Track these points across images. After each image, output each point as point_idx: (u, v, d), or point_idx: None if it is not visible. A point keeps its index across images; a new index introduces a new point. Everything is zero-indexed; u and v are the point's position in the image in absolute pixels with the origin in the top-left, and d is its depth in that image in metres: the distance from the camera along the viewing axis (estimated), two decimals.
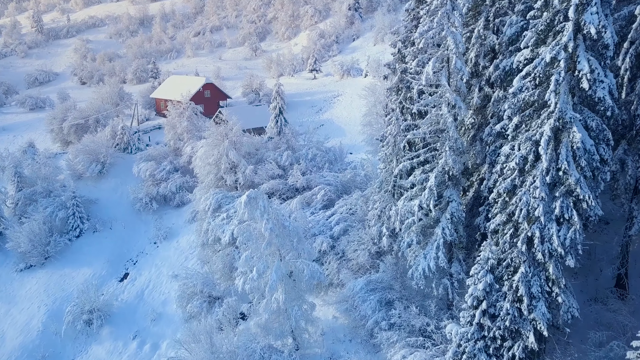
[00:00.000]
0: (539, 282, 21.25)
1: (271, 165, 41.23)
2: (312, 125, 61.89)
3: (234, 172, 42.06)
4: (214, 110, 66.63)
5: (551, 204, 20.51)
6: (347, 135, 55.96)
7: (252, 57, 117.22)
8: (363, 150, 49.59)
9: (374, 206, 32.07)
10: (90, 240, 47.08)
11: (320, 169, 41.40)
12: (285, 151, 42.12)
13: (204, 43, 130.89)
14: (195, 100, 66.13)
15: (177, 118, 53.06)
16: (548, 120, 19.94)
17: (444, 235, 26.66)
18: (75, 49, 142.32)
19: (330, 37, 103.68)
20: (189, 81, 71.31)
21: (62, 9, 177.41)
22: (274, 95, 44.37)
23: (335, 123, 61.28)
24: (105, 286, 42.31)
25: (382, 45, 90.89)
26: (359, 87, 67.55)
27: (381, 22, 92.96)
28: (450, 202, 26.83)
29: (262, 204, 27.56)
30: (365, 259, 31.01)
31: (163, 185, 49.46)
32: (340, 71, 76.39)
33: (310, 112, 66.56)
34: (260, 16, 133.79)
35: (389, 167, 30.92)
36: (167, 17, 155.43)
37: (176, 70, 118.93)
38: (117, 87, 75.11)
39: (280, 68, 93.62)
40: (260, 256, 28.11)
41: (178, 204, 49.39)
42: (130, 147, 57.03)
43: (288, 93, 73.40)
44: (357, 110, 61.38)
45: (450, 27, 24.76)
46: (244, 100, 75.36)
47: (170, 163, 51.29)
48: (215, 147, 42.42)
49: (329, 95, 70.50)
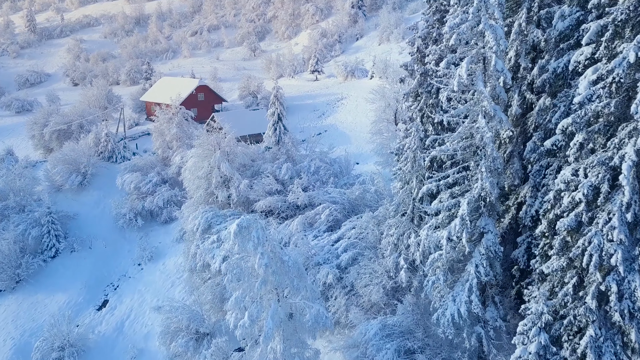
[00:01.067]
0: (613, 350, 16.39)
1: (269, 179, 36.33)
2: (314, 131, 57.10)
3: (226, 187, 37.20)
4: (208, 114, 61.83)
5: (633, 250, 15.67)
6: (352, 142, 51.11)
7: (251, 57, 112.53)
8: (371, 160, 44.76)
9: (389, 232, 27.20)
10: (67, 261, 42.23)
11: (324, 184, 36.52)
12: (285, 163, 37.24)
13: (201, 43, 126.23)
14: (188, 104, 61.32)
15: (165, 124, 48.21)
16: (631, 140, 15.06)
17: (477, 274, 21.79)
18: (69, 49, 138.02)
19: (332, 37, 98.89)
20: (182, 83, 66.44)
21: (57, 8, 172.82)
22: (272, 99, 39.57)
23: (340, 129, 56.40)
24: (81, 315, 37.47)
25: (388, 45, 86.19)
26: (364, 90, 62.73)
27: (386, 21, 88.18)
28: (485, 234, 21.95)
29: (256, 235, 22.64)
30: (379, 297, 26.13)
31: (149, 199, 44.60)
32: (343, 72, 71.49)
33: (312, 117, 61.70)
34: (259, 15, 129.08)
35: (407, 187, 26.06)
36: (164, 16, 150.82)
37: (171, 71, 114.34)
38: (105, 90, 70.26)
39: (279, 69, 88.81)
40: (254, 297, 23.21)
41: (166, 219, 44.53)
42: (115, 155, 52.14)
43: (288, 96, 68.54)
44: (364, 114, 56.51)
45: (489, 19, 19.87)
46: (241, 103, 70.49)
47: (157, 174, 46.41)
48: (205, 159, 37.58)
49: (332, 99, 65.68)
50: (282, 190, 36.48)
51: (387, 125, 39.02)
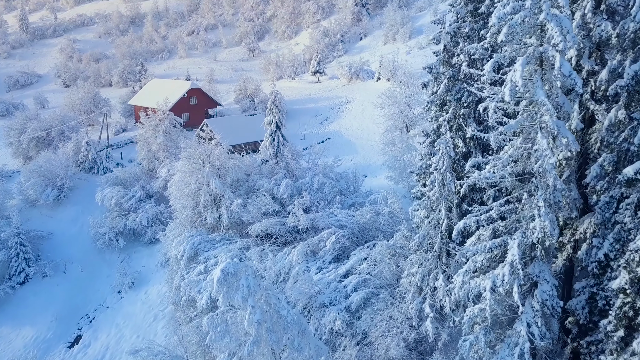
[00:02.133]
0: None
1: (265, 198, 31.40)
2: (317, 139, 52.27)
3: (216, 207, 32.33)
4: (201, 119, 57.01)
5: None
6: (359, 151, 46.20)
7: (250, 57, 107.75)
8: (381, 172, 39.93)
9: (411, 271, 22.32)
10: (37, 287, 37.41)
11: (329, 203, 31.60)
12: (284, 180, 32.33)
13: (197, 43, 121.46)
14: (179, 109, 56.59)
15: (151, 132, 43.34)
16: None
17: (529, 335, 16.93)
18: (61, 49, 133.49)
19: (335, 36, 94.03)
20: (173, 86, 61.51)
21: (51, 7, 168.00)
22: (270, 106, 34.69)
23: (345, 136, 51.46)
24: (49, 355, 32.58)
25: (394, 45, 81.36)
26: (371, 93, 57.95)
27: (392, 19, 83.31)
28: (540, 284, 17.10)
29: (246, 283, 17.82)
30: (399, 352, 21.24)
31: (132, 216, 39.74)
32: (347, 74, 66.59)
33: (314, 123, 56.74)
34: (258, 14, 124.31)
35: (434, 217, 21.18)
36: (160, 15, 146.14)
37: (166, 73, 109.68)
38: (92, 92, 65.26)
39: (279, 70, 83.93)
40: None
41: (150, 240, 39.67)
42: (96, 166, 47.23)
43: (288, 99, 63.71)
44: (371, 120, 51.64)
45: (552, 6, 15.03)
46: (237, 107, 65.45)
47: (142, 188, 41.53)
48: (192, 174, 32.72)
49: (336, 102, 60.78)
50: (280, 210, 31.57)
51: (400, 135, 34.18)
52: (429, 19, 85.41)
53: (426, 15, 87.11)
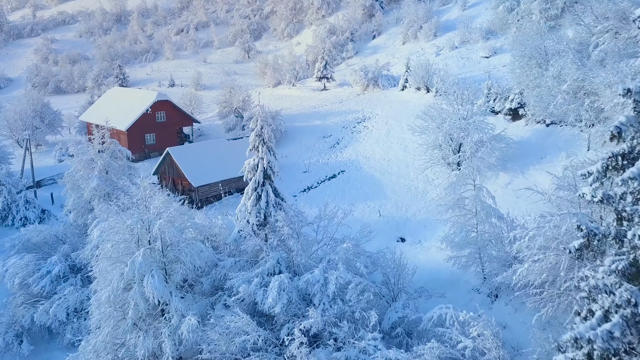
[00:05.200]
0: None
1: (238, 319, 17.14)
2: (325, 171, 38.06)
3: (153, 329, 18.17)
4: (171, 142, 43.12)
5: None
6: (389, 195, 31.81)
7: (244, 59, 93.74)
8: (427, 233, 25.85)
9: None
10: None
11: (358, 325, 17.46)
12: (276, 277, 18.27)
13: (186, 42, 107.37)
14: (141, 129, 42.81)
15: (83, 171, 29.28)
16: None
17: None
18: (37, 49, 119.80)
19: (343, 34, 79.87)
20: (136, 97, 46.95)
21: (34, 5, 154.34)
22: (254, 141, 20.42)
23: (365, 169, 37.05)
24: None
25: (416, 44, 67.16)
26: (396, 106, 43.85)
27: (413, 14, 69.11)
28: None
29: None
30: None
31: (45, 305, 25.61)
32: (362, 80, 52.29)
33: (322, 147, 42.29)
34: (255, 10, 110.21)
35: None
36: (149, 13, 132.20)
37: (149, 76, 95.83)
38: (39, 102, 51.14)
39: (277, 74, 69.78)
40: None
41: (71, 342, 25.42)
42: (12, 215, 33.12)
43: (287, 113, 49.54)
44: (400, 145, 37.51)
45: None
46: (220, 124, 50.78)
47: (63, 259, 27.31)
48: (117, 263, 18.71)
49: (350, 119, 45.91)
50: (268, 339, 17.39)
51: (475, 192, 19.95)
52: (456, 13, 71.35)
53: (452, 9, 73.01)
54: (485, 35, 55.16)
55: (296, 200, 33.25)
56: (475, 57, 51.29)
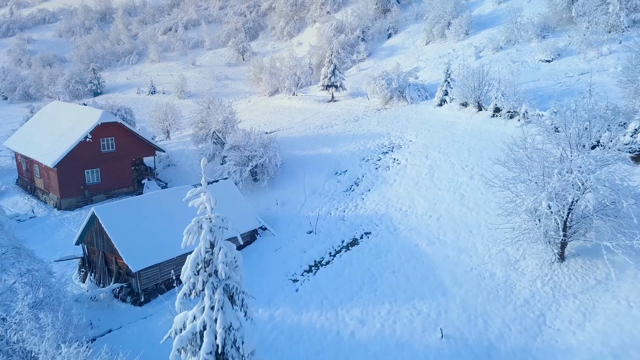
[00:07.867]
0: None
1: None
2: (345, 231, 25.71)
3: None
4: (124, 179, 30.94)
5: None
6: (450, 291, 19.22)
7: (238, 61, 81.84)
8: None
9: None
10: None
11: None
12: None
13: (174, 42, 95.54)
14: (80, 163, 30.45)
15: None
16: None
17: None
18: (10, 50, 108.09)
19: (353, 32, 67.75)
20: (78, 116, 33.38)
21: (17, 3, 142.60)
22: (194, 278, 7.45)
23: (402, 231, 24.00)
24: None
25: (443, 43, 54.98)
26: (438, 130, 31.74)
27: (439, 8, 56.93)
28: None
29: None
30: None
31: None
32: (385, 91, 39.83)
33: (335, 189, 29.18)
34: (251, 7, 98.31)
35: None
36: (136, 11, 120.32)
37: (130, 81, 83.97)
38: None
39: (274, 80, 57.65)
40: None
41: None
42: None
43: (284, 137, 37.37)
44: (453, 191, 25.19)
45: None
46: (195, 150, 37.44)
47: None
48: None
49: (372, 146, 32.78)
50: None
51: None
52: (490, 6, 59.13)
53: (485, 2, 60.74)
54: (540, 32, 42.99)
55: (297, 291, 21.00)
56: (532, 61, 39.13)
